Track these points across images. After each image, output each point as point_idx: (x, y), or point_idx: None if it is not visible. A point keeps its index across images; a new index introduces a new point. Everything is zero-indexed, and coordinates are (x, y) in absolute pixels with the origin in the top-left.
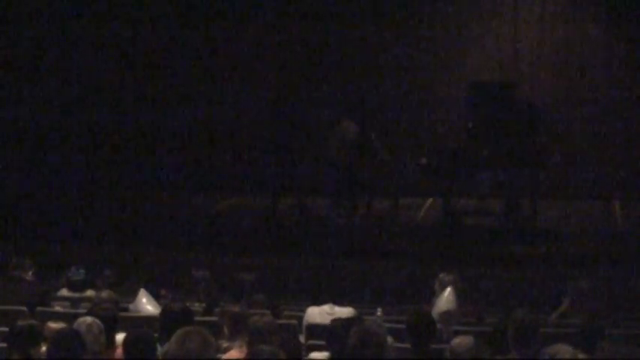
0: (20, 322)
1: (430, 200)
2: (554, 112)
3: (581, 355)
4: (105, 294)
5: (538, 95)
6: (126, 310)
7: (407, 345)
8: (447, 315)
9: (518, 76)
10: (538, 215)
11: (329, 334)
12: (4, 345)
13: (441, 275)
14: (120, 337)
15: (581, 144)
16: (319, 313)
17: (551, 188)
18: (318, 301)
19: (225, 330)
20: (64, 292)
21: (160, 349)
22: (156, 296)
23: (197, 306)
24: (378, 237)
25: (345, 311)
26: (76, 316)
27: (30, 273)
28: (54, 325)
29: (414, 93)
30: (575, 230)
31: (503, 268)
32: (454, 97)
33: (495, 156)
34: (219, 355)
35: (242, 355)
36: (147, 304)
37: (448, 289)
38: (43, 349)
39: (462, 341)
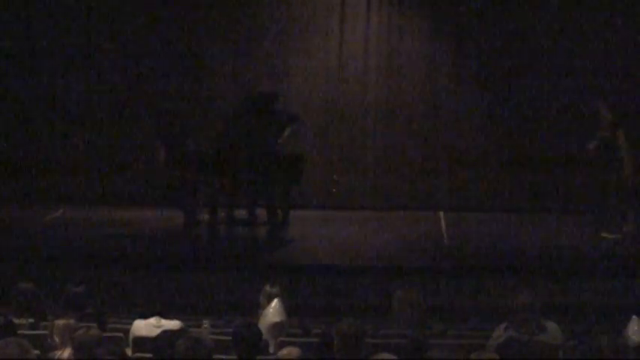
0: None
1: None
2: (381, 122)
3: None
4: None
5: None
6: None
7: (233, 357)
8: (277, 327)
9: (344, 87)
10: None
11: (155, 347)
12: None
13: (267, 287)
14: None
15: (406, 153)
16: (145, 326)
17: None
18: (144, 314)
19: (56, 339)
20: None
21: None
22: None
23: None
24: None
25: (171, 324)
26: None
27: None
28: None
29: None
30: (402, 240)
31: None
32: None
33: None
34: None
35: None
36: None
37: (275, 301)
38: None
39: (289, 352)
